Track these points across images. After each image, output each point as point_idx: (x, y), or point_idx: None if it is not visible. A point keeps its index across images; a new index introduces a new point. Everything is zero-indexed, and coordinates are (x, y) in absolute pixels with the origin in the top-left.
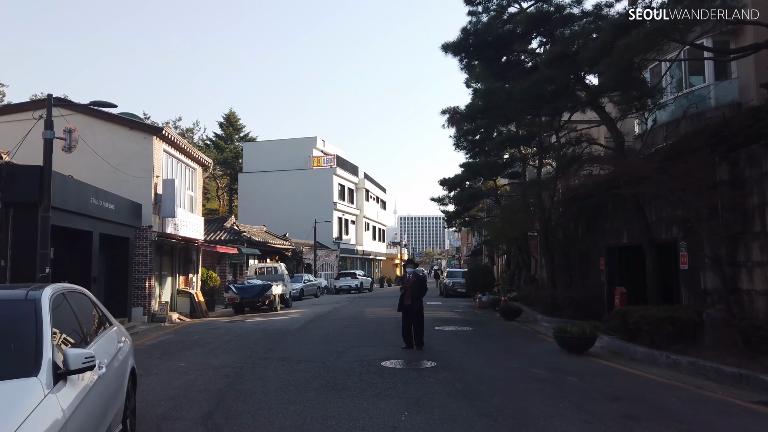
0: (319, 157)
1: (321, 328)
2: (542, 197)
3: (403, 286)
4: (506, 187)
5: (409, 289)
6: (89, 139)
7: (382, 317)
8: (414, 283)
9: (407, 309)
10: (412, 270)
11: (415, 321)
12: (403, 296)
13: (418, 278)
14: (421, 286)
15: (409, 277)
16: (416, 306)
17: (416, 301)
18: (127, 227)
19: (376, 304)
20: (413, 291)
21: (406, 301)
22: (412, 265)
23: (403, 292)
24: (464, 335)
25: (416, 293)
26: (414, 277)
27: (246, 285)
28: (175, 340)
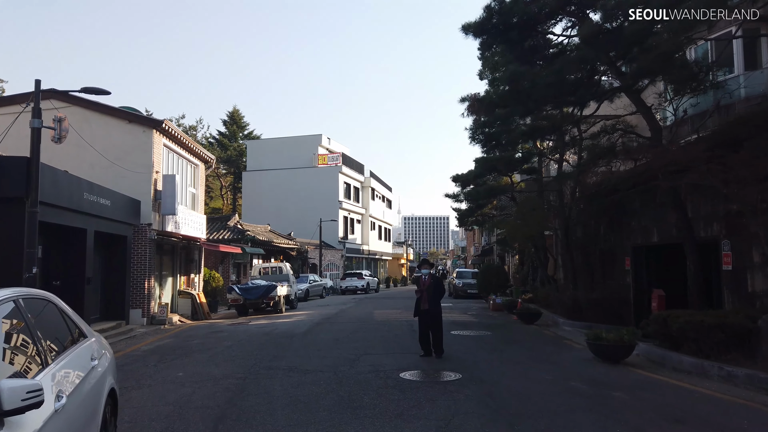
0: (325, 155)
1: (329, 332)
2: (563, 193)
3: (419, 288)
4: (521, 184)
5: (425, 291)
6: (86, 132)
7: (393, 320)
8: (430, 285)
9: (424, 313)
10: (428, 271)
11: (433, 326)
12: (420, 300)
13: (435, 280)
14: (438, 288)
15: (424, 278)
16: (434, 310)
17: (434, 304)
18: (125, 225)
19: (384, 306)
20: (430, 294)
21: (423, 305)
22: (427, 266)
23: (419, 295)
24: (484, 341)
25: (433, 296)
26: (430, 278)
27: (250, 285)
28: (174, 344)
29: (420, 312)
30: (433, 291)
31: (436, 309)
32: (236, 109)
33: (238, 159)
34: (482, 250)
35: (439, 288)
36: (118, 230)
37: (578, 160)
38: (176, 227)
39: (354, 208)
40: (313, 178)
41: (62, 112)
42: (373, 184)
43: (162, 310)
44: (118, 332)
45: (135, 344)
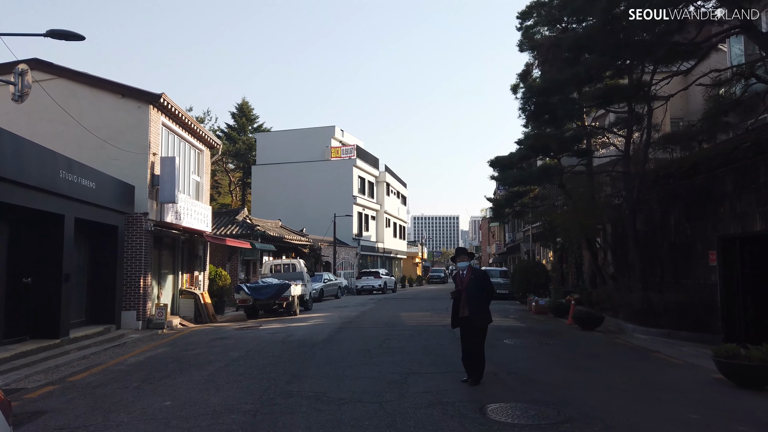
0: (338, 148)
1: (356, 340)
2: (631, 175)
3: (457, 288)
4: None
5: (464, 292)
6: (73, 108)
7: (427, 325)
8: (471, 282)
9: (464, 323)
10: (466, 264)
11: (473, 341)
12: (458, 304)
13: (477, 276)
14: (482, 287)
15: (462, 274)
16: (478, 318)
17: (477, 310)
18: (115, 213)
19: (409, 308)
20: (470, 295)
21: (462, 310)
22: (465, 257)
23: (456, 297)
24: (553, 353)
25: (476, 299)
26: (470, 273)
27: (260, 284)
28: (169, 355)
29: (459, 321)
30: (474, 291)
31: (479, 317)
32: (245, 101)
33: (247, 153)
34: (509, 247)
35: (484, 287)
36: (106, 218)
37: (646, 137)
38: (177, 218)
39: (368, 203)
40: (325, 171)
41: (46, 84)
42: (389, 179)
43: (160, 312)
44: (106, 339)
45: (122, 354)
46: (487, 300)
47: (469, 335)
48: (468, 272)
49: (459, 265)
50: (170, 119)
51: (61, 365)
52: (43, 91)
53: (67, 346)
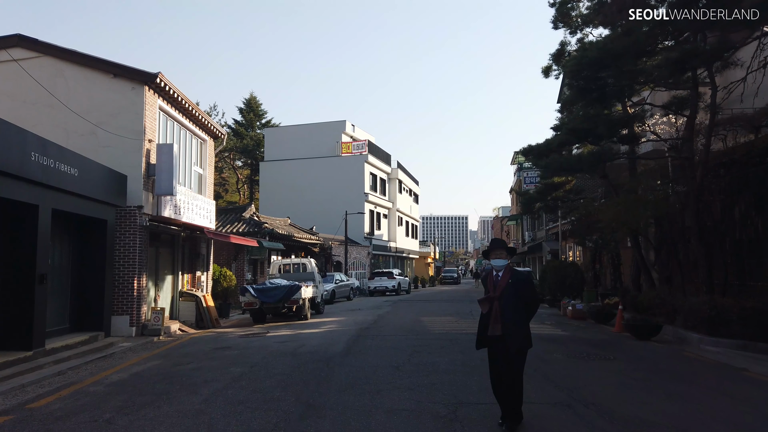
0: (349, 143)
1: (379, 353)
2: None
3: (488, 296)
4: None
5: (497, 301)
6: (60, 90)
7: (457, 332)
8: (508, 289)
9: (495, 344)
10: (504, 262)
11: (508, 368)
12: (487, 317)
13: (518, 280)
14: (524, 296)
15: (497, 276)
16: (515, 339)
17: (515, 327)
18: (104, 205)
19: (429, 311)
20: (506, 307)
21: (494, 325)
22: (503, 253)
23: (486, 308)
24: (624, 373)
25: (514, 312)
26: (508, 276)
27: (268, 286)
28: (159, 371)
29: (487, 340)
30: (513, 301)
31: (517, 337)
32: (253, 96)
33: (255, 149)
34: (528, 247)
35: (527, 296)
36: (92, 211)
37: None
38: (176, 212)
39: (380, 201)
40: (336, 168)
41: (30, 63)
42: (401, 176)
43: (156, 317)
44: (90, 349)
45: (105, 369)
46: (528, 314)
47: (500, 360)
48: (505, 274)
49: (494, 264)
50: (168, 103)
51: (29, 384)
52: (27, 72)
53: (41, 359)
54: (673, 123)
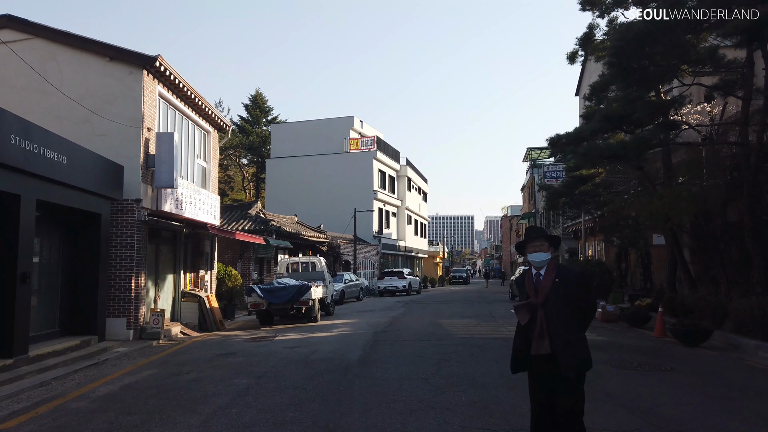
0: (357, 140)
1: (402, 362)
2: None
3: (529, 301)
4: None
5: (541, 309)
6: (52, 74)
7: (483, 337)
8: (555, 291)
9: (541, 367)
10: (547, 257)
11: (561, 402)
12: (528, 330)
13: (567, 280)
14: (577, 301)
15: (537, 276)
16: (568, 359)
17: (568, 343)
18: (97, 197)
19: (446, 313)
20: (553, 316)
21: (539, 344)
22: (544, 244)
23: (527, 318)
24: (696, 386)
25: (564, 322)
26: (554, 275)
27: (275, 286)
28: (154, 382)
29: (528, 360)
30: (561, 308)
31: (571, 356)
32: (259, 92)
33: (261, 146)
34: None
35: (580, 299)
36: (84, 204)
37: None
38: (177, 207)
39: (389, 199)
40: (344, 164)
41: (20, 45)
42: (410, 174)
43: (156, 319)
44: (81, 355)
45: (95, 379)
46: (583, 325)
47: (547, 389)
48: (549, 273)
49: (532, 260)
50: (169, 90)
51: (4, 399)
52: (17, 55)
53: (22, 368)
54: (708, 112)
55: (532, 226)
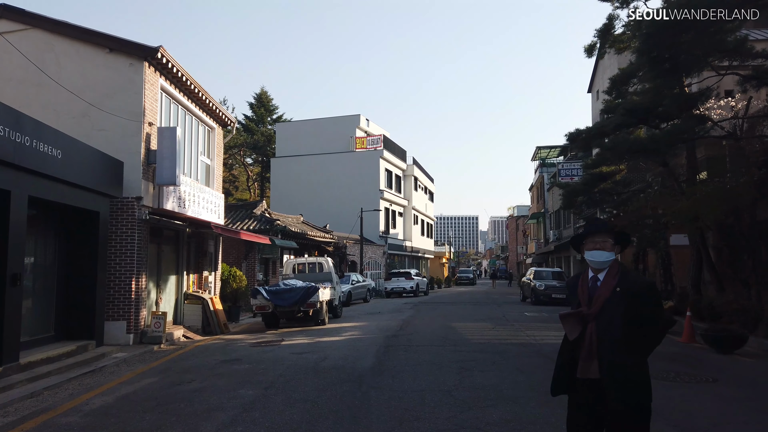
0: (363, 138)
1: (419, 370)
2: None
3: (579, 310)
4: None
5: (594, 322)
6: (50, 66)
7: (501, 342)
8: (614, 300)
9: (588, 393)
10: (608, 259)
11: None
12: (575, 348)
13: (631, 287)
14: (638, 313)
15: (594, 279)
16: (623, 387)
17: (622, 369)
18: (96, 194)
19: (458, 315)
20: (609, 332)
21: (585, 365)
22: (606, 241)
23: (577, 332)
24: (746, 400)
25: (621, 340)
26: (616, 280)
27: (282, 287)
28: (153, 393)
29: (573, 384)
30: (622, 322)
31: (627, 383)
32: (264, 90)
33: (266, 145)
34: (556, 246)
35: (646, 314)
36: (81, 201)
37: None
38: (180, 205)
39: (396, 198)
40: (350, 164)
41: (16, 36)
42: (416, 173)
43: (157, 323)
44: (77, 362)
45: (90, 389)
46: (646, 347)
47: (592, 421)
48: (609, 278)
49: (590, 259)
50: (172, 84)
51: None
52: (13, 46)
53: (13, 376)
54: (732, 107)
55: (594, 218)
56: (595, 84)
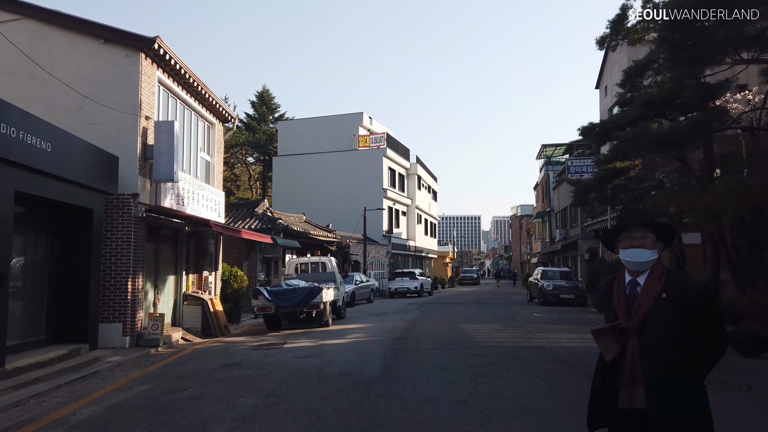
0: (366, 137)
1: (431, 376)
2: None
3: (616, 323)
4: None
5: (635, 340)
6: (43, 58)
7: (514, 346)
8: (658, 311)
9: (631, 424)
10: (649, 258)
11: None
12: (612, 371)
13: (680, 292)
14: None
15: (632, 284)
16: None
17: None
18: (88, 191)
19: (466, 316)
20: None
21: (628, 392)
22: (647, 236)
23: (615, 351)
24: None
25: (673, 359)
26: (661, 284)
27: (284, 288)
28: (145, 402)
29: (614, 415)
30: (671, 337)
31: (684, 411)
32: (266, 89)
33: (267, 144)
34: (563, 246)
35: (701, 327)
36: (73, 198)
37: None
38: (179, 203)
39: (399, 197)
40: (353, 162)
41: (7, 26)
42: (420, 172)
43: (154, 325)
44: (69, 367)
45: (78, 398)
46: (703, 369)
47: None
48: (652, 282)
49: (627, 259)
50: (170, 77)
51: None
52: (3, 37)
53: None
54: (748, 101)
55: (630, 208)
56: (603, 80)
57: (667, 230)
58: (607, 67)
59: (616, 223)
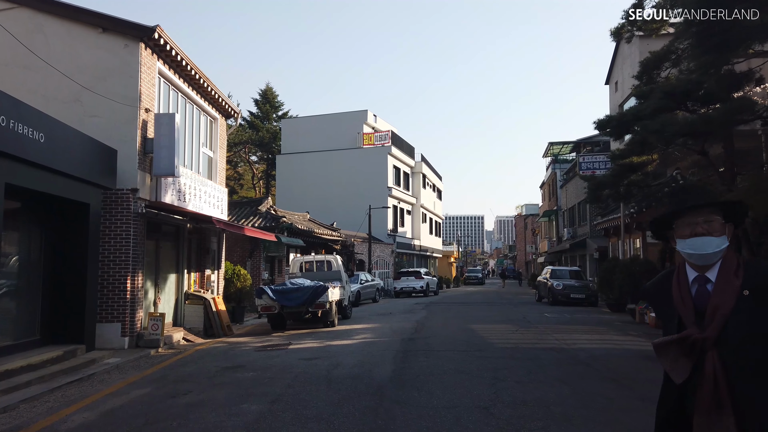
0: (371, 134)
1: (446, 380)
2: None
3: (687, 333)
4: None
5: (714, 353)
6: (39, 47)
7: (528, 346)
8: (741, 315)
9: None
10: (718, 246)
11: None
12: (683, 393)
13: (765, 281)
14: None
15: (701, 281)
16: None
17: None
18: (85, 185)
19: (475, 316)
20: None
21: (710, 425)
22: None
23: (686, 370)
24: None
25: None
26: (740, 279)
27: (288, 287)
28: (142, 408)
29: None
30: (761, 346)
31: None
32: (270, 87)
33: (271, 142)
34: (572, 244)
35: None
36: (68, 192)
37: None
38: (180, 198)
39: (404, 196)
40: (357, 160)
41: (3, 16)
42: (425, 170)
43: (155, 325)
44: (64, 369)
45: (71, 403)
46: None
47: None
48: (729, 276)
49: (689, 251)
50: (170, 68)
51: None
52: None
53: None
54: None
55: (686, 187)
56: (613, 75)
57: (737, 208)
58: (618, 62)
59: (669, 206)
